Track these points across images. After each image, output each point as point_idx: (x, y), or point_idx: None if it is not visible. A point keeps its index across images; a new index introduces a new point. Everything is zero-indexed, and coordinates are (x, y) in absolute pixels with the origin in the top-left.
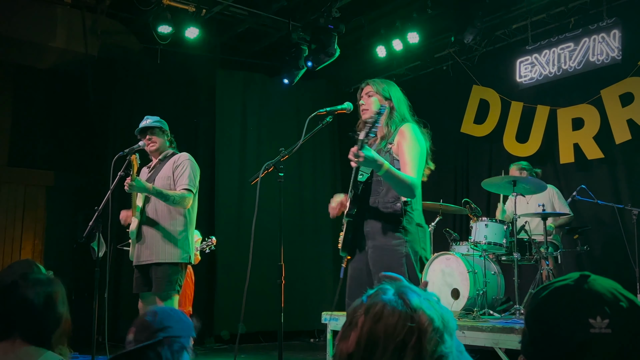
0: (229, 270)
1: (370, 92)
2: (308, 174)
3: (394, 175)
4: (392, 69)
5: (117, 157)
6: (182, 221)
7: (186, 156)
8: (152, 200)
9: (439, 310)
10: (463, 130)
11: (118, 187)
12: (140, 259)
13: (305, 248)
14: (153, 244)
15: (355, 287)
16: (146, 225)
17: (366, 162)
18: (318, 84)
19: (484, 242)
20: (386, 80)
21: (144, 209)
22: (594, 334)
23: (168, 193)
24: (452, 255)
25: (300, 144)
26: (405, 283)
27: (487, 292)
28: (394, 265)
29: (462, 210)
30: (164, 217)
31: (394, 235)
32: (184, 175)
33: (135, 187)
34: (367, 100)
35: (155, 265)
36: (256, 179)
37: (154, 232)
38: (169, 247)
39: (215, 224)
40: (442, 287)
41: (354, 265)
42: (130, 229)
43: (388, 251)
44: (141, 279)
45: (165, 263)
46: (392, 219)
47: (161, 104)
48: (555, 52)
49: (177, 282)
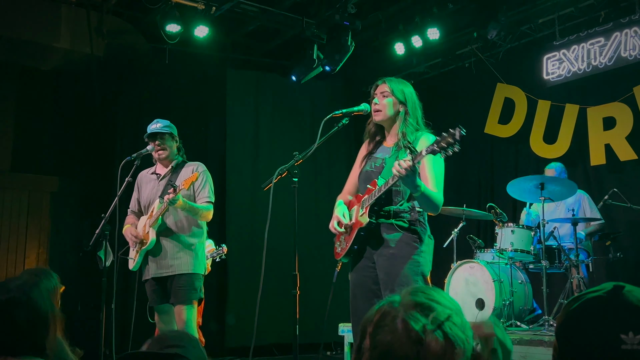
0: (240, 280)
1: (386, 92)
2: (324, 179)
3: (428, 196)
4: (411, 66)
5: (125, 161)
6: (199, 232)
7: (203, 167)
8: (172, 210)
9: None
10: (487, 131)
11: (125, 193)
12: (159, 271)
13: (321, 256)
14: (173, 256)
15: (362, 299)
16: (164, 237)
17: (407, 179)
18: (334, 84)
19: (511, 249)
20: (403, 80)
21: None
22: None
23: (198, 207)
24: (477, 264)
25: (315, 148)
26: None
27: (514, 303)
28: (409, 275)
29: (486, 216)
30: (183, 229)
31: (410, 244)
32: (205, 189)
33: (177, 204)
34: (382, 101)
35: (176, 276)
36: (269, 184)
37: (173, 244)
38: (189, 258)
39: (227, 232)
40: (465, 297)
41: (359, 275)
42: (150, 239)
43: (404, 261)
44: (159, 291)
45: (185, 273)
46: (409, 229)
47: (170, 106)
48: (584, 48)
49: (199, 289)
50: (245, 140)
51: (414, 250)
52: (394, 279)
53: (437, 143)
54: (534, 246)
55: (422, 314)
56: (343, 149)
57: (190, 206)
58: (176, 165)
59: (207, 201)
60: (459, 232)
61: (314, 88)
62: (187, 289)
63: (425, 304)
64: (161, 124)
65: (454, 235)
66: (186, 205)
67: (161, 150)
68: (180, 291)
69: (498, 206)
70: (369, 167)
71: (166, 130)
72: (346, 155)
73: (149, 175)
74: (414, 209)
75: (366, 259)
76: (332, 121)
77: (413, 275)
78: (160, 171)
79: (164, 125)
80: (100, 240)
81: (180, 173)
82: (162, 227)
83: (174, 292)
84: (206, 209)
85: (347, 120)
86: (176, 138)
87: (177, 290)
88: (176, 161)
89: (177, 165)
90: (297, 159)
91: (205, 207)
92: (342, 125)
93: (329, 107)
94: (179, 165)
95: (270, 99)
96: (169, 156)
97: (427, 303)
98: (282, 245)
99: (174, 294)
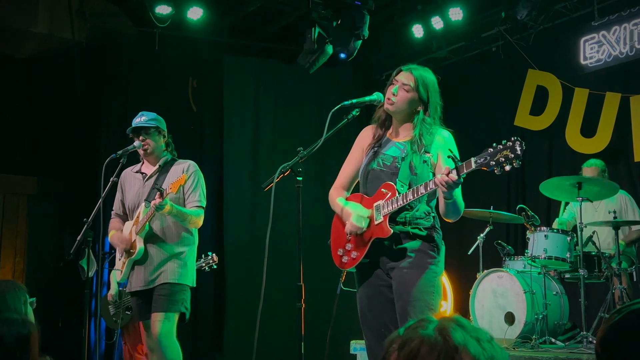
0: (240, 291)
1: (408, 86)
2: (332, 178)
3: (458, 204)
4: (431, 51)
5: (110, 159)
6: (189, 240)
7: (194, 167)
8: (159, 216)
9: (489, 351)
10: (517, 124)
11: (110, 195)
12: (144, 283)
13: (329, 265)
14: (160, 266)
15: (374, 313)
16: (151, 245)
17: (449, 193)
18: (343, 71)
19: (544, 256)
20: (428, 71)
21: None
22: None
23: (187, 212)
24: (506, 273)
25: (322, 143)
26: (454, 317)
27: (548, 317)
28: (426, 287)
29: (516, 219)
30: (171, 236)
31: (428, 254)
32: (197, 191)
33: (164, 209)
34: (401, 95)
35: (160, 286)
36: (270, 184)
37: (160, 253)
38: (176, 268)
39: (224, 238)
40: (493, 310)
41: (371, 288)
42: (137, 248)
43: (422, 271)
44: (144, 305)
45: (171, 283)
46: (426, 237)
47: (160, 97)
48: (627, 29)
49: (182, 302)
50: (244, 134)
51: (431, 260)
52: (409, 289)
53: (492, 156)
54: (571, 253)
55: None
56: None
57: (179, 211)
58: (164, 163)
59: (198, 205)
60: (485, 238)
61: (321, 76)
62: (168, 298)
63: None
64: (146, 117)
65: (480, 241)
66: (174, 210)
67: (145, 145)
68: (160, 299)
69: (530, 208)
70: (376, 165)
71: (152, 124)
72: None
73: (133, 174)
74: (429, 214)
75: (380, 269)
76: (341, 112)
77: (429, 286)
78: (146, 170)
79: (149, 119)
80: (83, 248)
81: (169, 173)
82: (148, 233)
83: (154, 300)
84: (196, 215)
85: (357, 112)
86: (164, 133)
87: (157, 298)
88: (165, 159)
89: (166, 163)
90: (302, 156)
91: (195, 212)
92: (352, 117)
93: (338, 97)
94: (168, 163)
95: (272, 88)
96: (154, 152)
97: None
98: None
99: (156, 301)
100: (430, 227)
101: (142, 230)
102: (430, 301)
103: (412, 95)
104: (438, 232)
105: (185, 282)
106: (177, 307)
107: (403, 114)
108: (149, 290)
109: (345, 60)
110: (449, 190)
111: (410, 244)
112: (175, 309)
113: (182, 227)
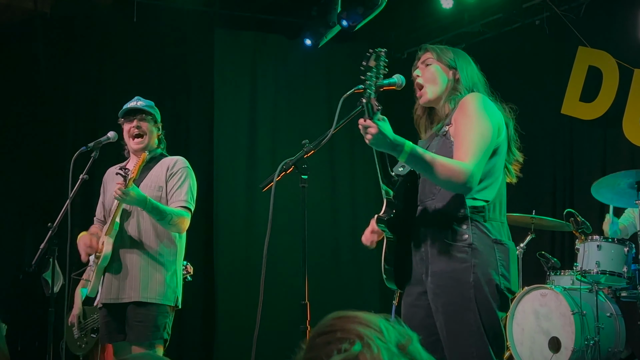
0: (233, 311)
1: (429, 59)
2: (343, 175)
3: (423, 160)
4: (461, 25)
5: (79, 153)
6: (172, 248)
7: (183, 163)
8: (135, 214)
9: None
10: (564, 112)
11: (80, 195)
12: (114, 296)
13: (339, 279)
14: (134, 276)
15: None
16: (124, 250)
17: (376, 140)
18: (357, 48)
19: (596, 270)
20: (453, 48)
21: (121, 226)
22: None
23: (165, 209)
24: (550, 290)
25: (331, 134)
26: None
27: (601, 343)
28: (458, 300)
29: (563, 226)
30: (149, 240)
31: (456, 256)
32: (182, 189)
33: (129, 197)
34: (425, 70)
35: (135, 304)
36: (270, 184)
37: (135, 259)
38: (155, 282)
39: (214, 248)
40: (535, 334)
41: (408, 302)
42: (104, 252)
43: (450, 280)
44: (113, 323)
45: (150, 303)
46: (455, 233)
47: (138, 79)
48: None
49: (164, 327)
50: (239, 123)
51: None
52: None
53: (365, 83)
54: (628, 267)
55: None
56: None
57: (154, 206)
58: (151, 159)
59: (183, 206)
60: (526, 248)
61: (330, 53)
62: (150, 327)
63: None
64: (143, 102)
65: (520, 252)
66: (148, 204)
67: (138, 136)
68: (139, 327)
69: (579, 213)
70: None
71: (150, 110)
72: None
73: (117, 171)
74: (463, 203)
75: (415, 281)
76: (354, 98)
77: (464, 302)
78: (130, 166)
79: (147, 104)
80: (47, 258)
81: (153, 169)
82: (122, 236)
83: (133, 327)
84: (178, 215)
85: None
86: (159, 125)
87: (135, 326)
88: (152, 154)
89: (153, 159)
90: (308, 150)
91: (178, 212)
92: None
93: (351, 80)
94: (155, 159)
95: (271, 68)
96: (147, 146)
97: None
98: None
99: (132, 329)
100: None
101: (111, 228)
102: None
103: (438, 65)
104: (479, 227)
105: (168, 302)
106: (160, 335)
107: (440, 97)
108: (120, 306)
109: (349, 30)
110: (373, 140)
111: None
112: (159, 338)
113: (164, 231)
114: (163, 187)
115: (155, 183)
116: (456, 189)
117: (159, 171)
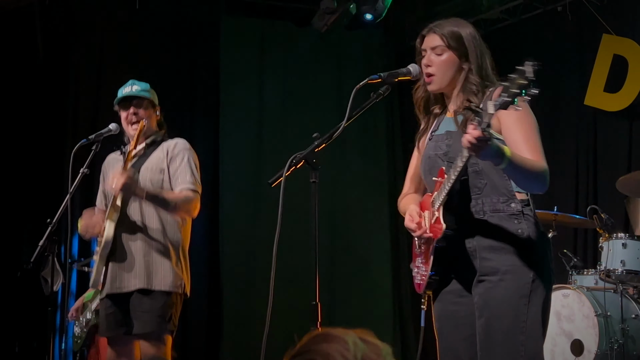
0: (240, 312)
1: (438, 46)
2: (356, 170)
3: (521, 166)
4: (479, 11)
5: (79, 145)
6: (177, 234)
7: (184, 144)
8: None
9: None
10: (588, 103)
11: (80, 190)
12: (118, 285)
13: (352, 280)
14: (138, 262)
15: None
16: (127, 235)
17: (484, 153)
18: (370, 36)
19: (621, 270)
20: (457, 20)
21: (123, 209)
22: None
23: (168, 197)
24: (573, 291)
25: (343, 127)
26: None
27: (626, 346)
28: (512, 303)
29: (586, 223)
30: (153, 224)
31: (514, 253)
32: (185, 171)
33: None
34: (435, 61)
35: (139, 293)
36: (279, 179)
37: (139, 245)
38: (161, 269)
39: (220, 244)
40: (557, 337)
41: (445, 308)
42: (105, 237)
43: (506, 281)
44: (116, 315)
45: (157, 291)
46: (510, 229)
47: (141, 67)
48: None
49: (171, 318)
50: (246, 115)
51: (519, 263)
52: (489, 315)
53: (506, 90)
54: None
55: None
56: (383, 128)
57: (154, 196)
58: (152, 142)
59: (189, 188)
60: None
61: (342, 42)
62: (156, 318)
63: None
64: (138, 86)
65: None
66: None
67: (136, 122)
68: (144, 317)
69: (604, 209)
70: (432, 151)
71: (145, 94)
72: (386, 136)
73: (117, 157)
74: (513, 197)
75: (454, 281)
76: (367, 89)
77: (519, 307)
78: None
79: (141, 89)
80: (46, 256)
81: (154, 153)
82: (124, 220)
83: (138, 318)
84: (182, 200)
85: (388, 89)
86: (157, 109)
87: (140, 315)
88: (153, 138)
89: (154, 142)
90: (319, 144)
91: (182, 197)
92: (381, 95)
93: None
94: (156, 143)
95: (279, 57)
96: (145, 131)
97: None
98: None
99: (138, 319)
100: (515, 213)
101: (112, 212)
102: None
103: (450, 54)
104: (531, 221)
105: (175, 290)
106: (167, 327)
107: (450, 85)
108: (124, 296)
109: (372, 22)
110: (479, 151)
111: (487, 240)
112: (166, 329)
113: (167, 216)
114: (165, 170)
115: (156, 165)
116: (539, 189)
117: (160, 154)
